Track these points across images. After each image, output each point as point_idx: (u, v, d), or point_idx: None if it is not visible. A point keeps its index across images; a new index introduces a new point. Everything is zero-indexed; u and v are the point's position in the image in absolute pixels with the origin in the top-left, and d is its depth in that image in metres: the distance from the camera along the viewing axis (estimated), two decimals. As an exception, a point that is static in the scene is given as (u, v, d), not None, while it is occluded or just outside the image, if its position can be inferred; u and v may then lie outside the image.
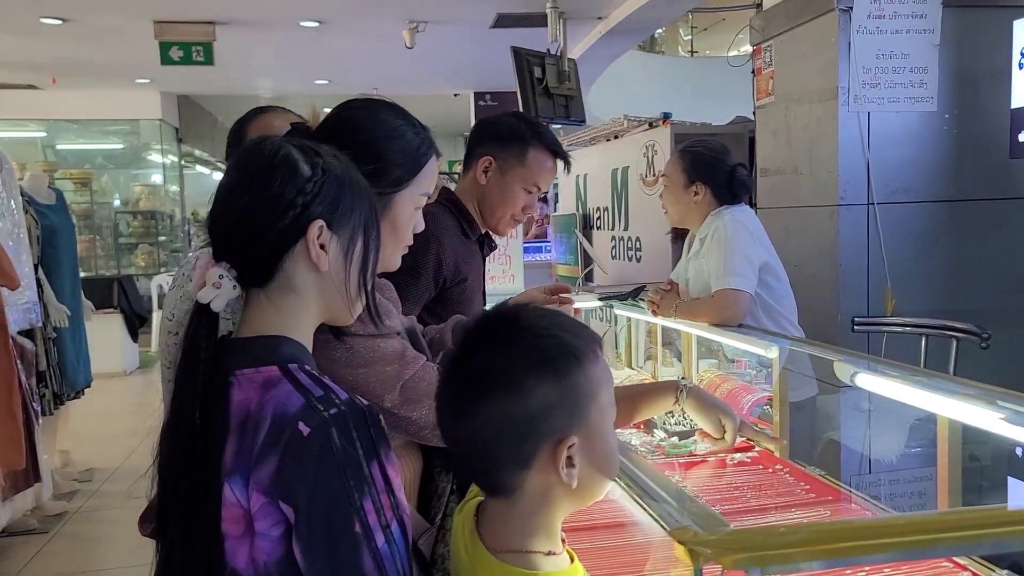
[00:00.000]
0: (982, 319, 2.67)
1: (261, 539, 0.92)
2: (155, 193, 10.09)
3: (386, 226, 1.29)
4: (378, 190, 1.27)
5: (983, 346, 2.58)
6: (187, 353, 0.99)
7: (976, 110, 3.22)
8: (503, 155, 2.09)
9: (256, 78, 8.98)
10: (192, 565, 0.95)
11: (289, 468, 0.90)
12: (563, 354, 0.93)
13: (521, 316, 0.97)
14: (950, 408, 1.59)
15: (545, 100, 5.77)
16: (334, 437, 0.90)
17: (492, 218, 2.14)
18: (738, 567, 0.91)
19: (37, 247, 4.23)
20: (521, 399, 0.90)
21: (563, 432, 0.91)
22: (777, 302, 2.54)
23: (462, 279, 2.03)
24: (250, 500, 0.92)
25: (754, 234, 2.52)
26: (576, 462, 0.92)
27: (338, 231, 1.03)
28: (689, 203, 2.58)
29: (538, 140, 2.09)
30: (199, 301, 0.99)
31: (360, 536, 0.90)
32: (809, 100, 3.26)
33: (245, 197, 1.00)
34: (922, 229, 3.20)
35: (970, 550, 1.39)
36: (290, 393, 0.94)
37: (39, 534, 3.92)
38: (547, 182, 2.15)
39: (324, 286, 1.04)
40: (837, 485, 1.96)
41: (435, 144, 1.36)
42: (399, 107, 1.35)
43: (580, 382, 0.92)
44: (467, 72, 8.73)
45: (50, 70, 8.00)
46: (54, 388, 4.27)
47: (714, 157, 2.57)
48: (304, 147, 1.04)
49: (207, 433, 0.95)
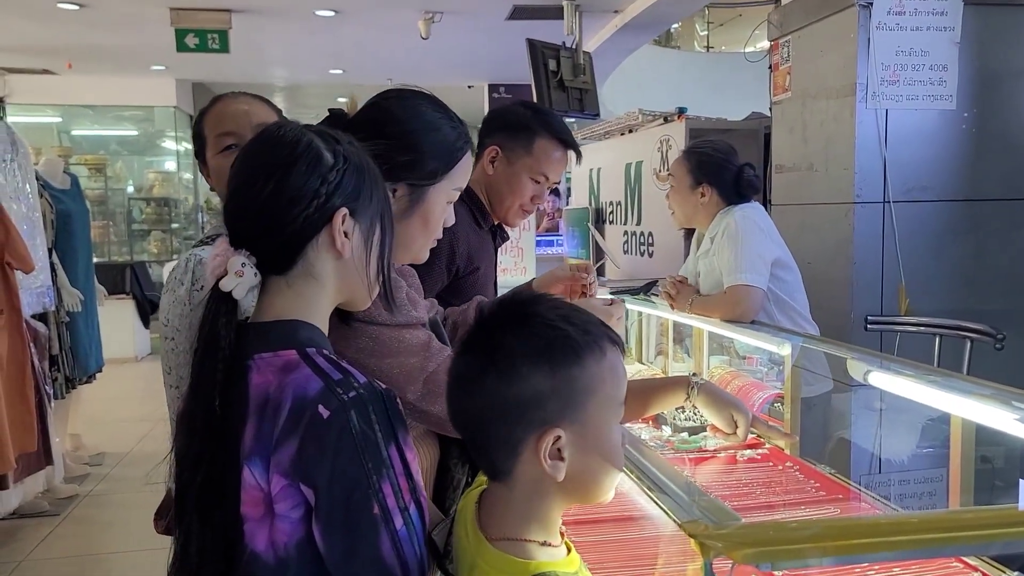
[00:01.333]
0: (997, 320, 2.65)
1: (281, 521, 0.93)
2: (169, 180, 10.13)
3: (417, 219, 1.29)
4: (411, 182, 1.27)
5: (998, 347, 2.56)
6: (208, 341, 0.99)
7: (996, 109, 3.19)
8: (510, 144, 2.07)
9: (271, 66, 8.99)
10: (210, 549, 0.96)
11: (309, 450, 0.91)
12: (562, 347, 0.93)
13: (534, 304, 0.97)
14: (964, 408, 1.57)
15: (559, 93, 5.75)
16: (353, 420, 0.91)
17: (501, 208, 2.13)
18: (748, 562, 0.91)
19: (51, 231, 4.26)
20: (513, 385, 0.91)
21: (552, 424, 0.91)
22: (790, 297, 2.53)
23: (475, 268, 2.02)
24: (270, 482, 0.93)
25: (765, 230, 2.51)
26: (566, 456, 0.92)
27: (359, 218, 1.04)
28: (696, 204, 2.57)
29: (546, 129, 2.07)
30: (221, 289, 0.99)
31: (379, 518, 0.91)
32: (826, 96, 3.23)
33: (269, 185, 1.00)
34: (938, 228, 3.17)
35: (981, 550, 1.38)
36: (309, 377, 0.95)
37: (50, 516, 3.95)
38: (556, 172, 2.12)
39: (344, 272, 1.05)
40: (847, 483, 1.95)
41: (471, 139, 1.36)
42: (437, 99, 1.34)
43: (577, 377, 0.92)
44: (482, 64, 8.71)
45: (66, 55, 8.03)
46: (66, 372, 4.29)
47: (721, 158, 2.55)
48: (323, 134, 1.05)
49: (225, 418, 0.96)
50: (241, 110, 1.69)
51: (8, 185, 3.85)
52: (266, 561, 0.95)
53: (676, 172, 2.62)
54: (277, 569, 0.94)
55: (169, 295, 1.54)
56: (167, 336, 1.53)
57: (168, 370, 1.54)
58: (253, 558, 0.95)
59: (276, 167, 1.00)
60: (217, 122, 1.67)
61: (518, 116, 2.10)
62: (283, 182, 1.00)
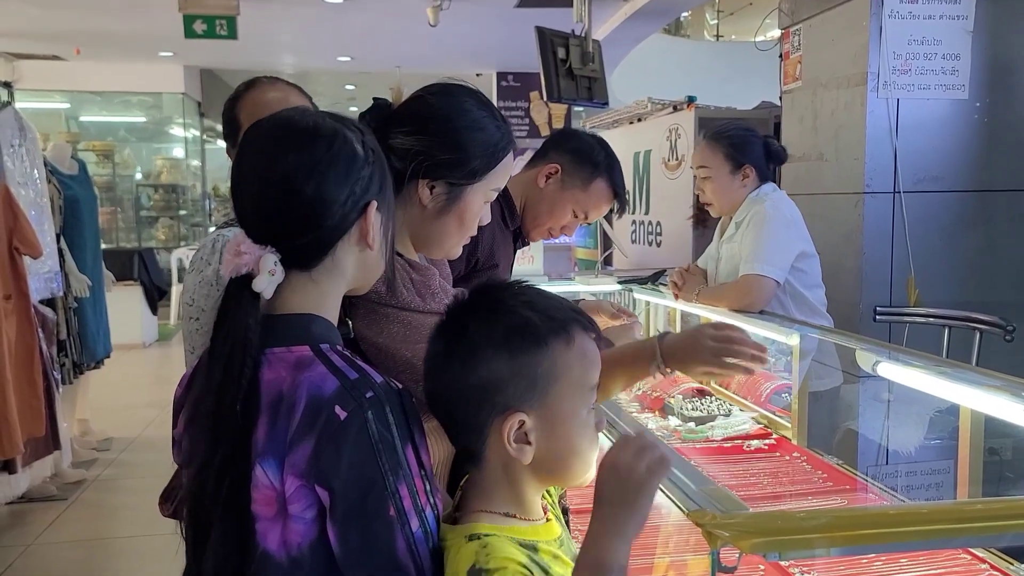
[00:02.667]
0: (1007, 312, 2.63)
1: (295, 521, 0.92)
2: (176, 167, 10.14)
3: (454, 217, 1.28)
4: (451, 180, 1.26)
5: (1007, 339, 2.54)
6: (236, 340, 0.95)
7: (1009, 99, 3.16)
8: (572, 171, 2.07)
9: (279, 53, 8.97)
10: (226, 547, 0.94)
11: (326, 452, 0.89)
12: (524, 333, 0.94)
13: (502, 291, 1.00)
14: (974, 399, 1.56)
15: (568, 81, 5.71)
16: (370, 421, 0.90)
17: (532, 223, 2.13)
18: (756, 551, 0.90)
19: (59, 217, 4.26)
20: (475, 369, 0.94)
21: (514, 408, 0.93)
22: (808, 290, 2.50)
23: (494, 264, 2.02)
24: (284, 483, 0.91)
25: (793, 222, 2.48)
26: (532, 440, 0.94)
27: (381, 209, 1.04)
28: (739, 188, 2.50)
29: (609, 174, 2.09)
30: (254, 289, 0.96)
31: (395, 520, 0.90)
32: (837, 85, 3.21)
33: (309, 186, 0.96)
34: (949, 219, 3.15)
35: (991, 542, 1.37)
36: (324, 375, 0.93)
37: (58, 500, 3.98)
38: (596, 216, 2.15)
39: (365, 263, 1.05)
40: (854, 474, 1.95)
41: (514, 139, 1.33)
42: (483, 96, 1.32)
43: (538, 362, 0.94)
44: (490, 52, 8.67)
45: (74, 41, 8.02)
46: (74, 358, 4.31)
47: (750, 135, 2.53)
48: (350, 126, 1.03)
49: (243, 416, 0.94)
50: (278, 97, 1.68)
51: (16, 170, 3.85)
52: (279, 561, 0.93)
53: (711, 162, 2.51)
54: (290, 569, 0.93)
55: (195, 275, 1.53)
56: (192, 316, 1.52)
57: (192, 350, 1.53)
58: (265, 558, 0.94)
59: (315, 166, 0.97)
60: (254, 109, 1.64)
61: (591, 149, 2.11)
62: (324, 183, 0.97)
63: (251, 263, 0.97)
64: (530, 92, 9.50)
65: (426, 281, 1.26)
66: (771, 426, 2.28)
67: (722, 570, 0.90)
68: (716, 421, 2.31)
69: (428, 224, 1.28)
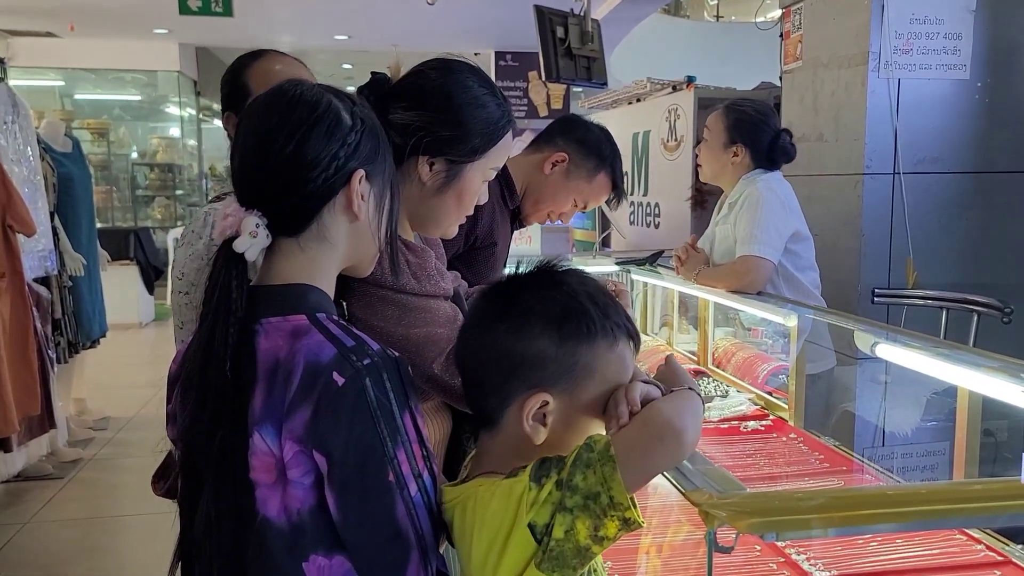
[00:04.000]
0: (1005, 294, 2.63)
1: (294, 487, 0.92)
2: (172, 146, 10.08)
3: (452, 195, 1.27)
4: (451, 158, 1.24)
5: (1005, 321, 2.54)
6: (220, 302, 0.97)
7: (1011, 80, 3.13)
8: (577, 161, 2.10)
9: (275, 32, 8.89)
10: (223, 515, 0.95)
11: (324, 418, 0.90)
12: (578, 321, 0.95)
13: (568, 272, 1.00)
14: (972, 380, 1.56)
15: (567, 61, 5.66)
16: (368, 387, 0.90)
17: (533, 207, 2.16)
18: (753, 531, 0.90)
19: (53, 195, 4.23)
20: (521, 339, 0.94)
21: (543, 388, 0.94)
22: (802, 272, 2.50)
23: (492, 243, 2.01)
24: (283, 449, 0.92)
25: (786, 203, 2.47)
26: (549, 423, 0.94)
27: (373, 181, 1.03)
28: (726, 163, 2.52)
29: (612, 167, 2.14)
30: (235, 250, 0.97)
31: (394, 485, 0.91)
32: (838, 65, 3.18)
33: (289, 146, 0.98)
34: (948, 200, 3.14)
35: (987, 522, 1.37)
36: (321, 343, 0.93)
37: (54, 479, 3.98)
38: (594, 205, 2.20)
39: (356, 235, 1.04)
40: (851, 455, 1.95)
41: (513, 117, 1.32)
42: (483, 73, 1.31)
43: (582, 352, 0.94)
44: (488, 31, 8.61)
45: (68, 17, 7.95)
46: (69, 336, 4.29)
47: (759, 119, 2.50)
48: (340, 95, 1.04)
49: (235, 382, 0.94)
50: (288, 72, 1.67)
51: (9, 148, 3.82)
52: (279, 527, 0.94)
53: (712, 126, 2.54)
54: (291, 535, 0.93)
55: (185, 248, 1.52)
56: (181, 290, 1.51)
57: (181, 324, 1.52)
58: (266, 524, 0.94)
59: (297, 127, 0.98)
60: (267, 77, 1.62)
61: (599, 142, 2.15)
62: (304, 143, 0.98)
63: (235, 225, 0.98)
64: (528, 72, 9.44)
65: (422, 263, 1.25)
66: (768, 407, 2.28)
67: (719, 550, 0.90)
68: (713, 402, 2.31)
69: (426, 201, 1.27)
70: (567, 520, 0.84)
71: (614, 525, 0.85)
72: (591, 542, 0.85)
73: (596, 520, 0.84)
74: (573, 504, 0.84)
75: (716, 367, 2.70)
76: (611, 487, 0.84)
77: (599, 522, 0.84)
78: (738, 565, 1.41)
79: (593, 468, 0.85)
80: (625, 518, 0.84)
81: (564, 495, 0.85)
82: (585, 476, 0.85)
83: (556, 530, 0.84)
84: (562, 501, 0.84)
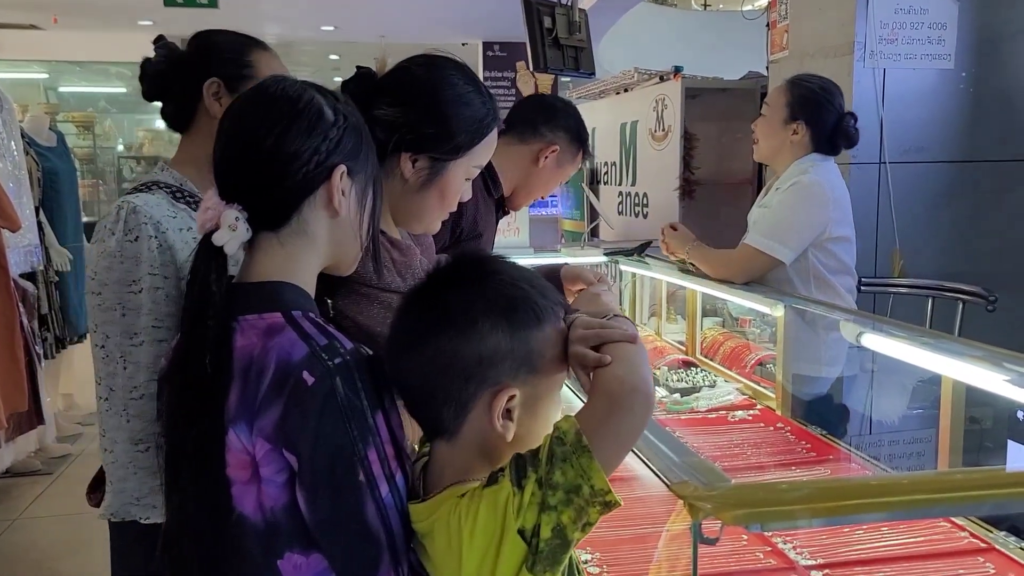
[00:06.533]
0: (991, 282, 2.65)
1: (267, 485, 0.93)
2: (159, 138, 10.00)
3: (435, 192, 1.26)
4: (434, 155, 1.24)
5: (989, 309, 2.56)
6: (199, 296, 0.96)
7: (995, 69, 3.15)
8: (566, 148, 2.16)
9: (262, 23, 8.83)
10: (202, 511, 0.96)
11: (293, 417, 0.90)
12: (524, 307, 0.93)
13: (492, 261, 0.98)
14: (955, 369, 1.57)
15: (555, 51, 5.64)
16: (338, 387, 0.90)
17: (527, 198, 2.20)
18: (738, 523, 0.90)
19: (38, 190, 4.20)
20: (471, 340, 0.91)
21: (506, 382, 0.91)
22: (834, 276, 2.33)
23: (477, 234, 2.02)
24: (255, 446, 0.92)
25: (835, 200, 2.30)
26: (516, 417, 0.92)
27: (355, 177, 1.03)
28: (784, 140, 2.33)
29: (584, 144, 2.20)
30: (214, 243, 0.96)
31: (364, 485, 0.90)
32: (824, 55, 3.19)
33: (269, 139, 0.97)
34: (934, 190, 3.15)
35: (969, 511, 1.39)
36: (294, 341, 0.93)
37: (43, 475, 3.97)
38: None
39: (337, 232, 1.04)
40: (838, 444, 1.96)
41: (499, 115, 1.32)
42: (469, 69, 1.30)
43: (536, 339, 0.93)
44: (476, 21, 8.57)
45: (52, 10, 7.87)
46: (56, 332, 4.27)
47: (826, 98, 2.32)
48: (323, 91, 1.03)
49: (213, 379, 0.94)
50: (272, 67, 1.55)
51: (-7, 142, 3.79)
52: (255, 523, 0.94)
53: (772, 101, 2.37)
54: (267, 532, 0.94)
55: (97, 246, 1.36)
56: (93, 291, 1.35)
57: (95, 328, 1.35)
58: (241, 520, 0.94)
59: (278, 121, 0.98)
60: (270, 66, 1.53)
61: (577, 124, 2.19)
62: (284, 137, 0.97)
63: (215, 218, 0.97)
64: (516, 62, 9.41)
65: (407, 261, 1.25)
66: (756, 397, 2.29)
67: (704, 541, 0.91)
68: (701, 392, 2.32)
69: (409, 198, 1.26)
70: (553, 518, 0.84)
71: (596, 511, 0.85)
72: (578, 533, 0.85)
73: (579, 511, 0.84)
74: (556, 501, 0.84)
75: (704, 357, 2.71)
76: (591, 476, 0.84)
77: (582, 512, 0.84)
78: (725, 554, 1.42)
79: (570, 461, 0.84)
80: (606, 502, 0.84)
81: (546, 493, 0.84)
82: (563, 471, 0.84)
83: (543, 530, 0.84)
84: (545, 500, 0.84)
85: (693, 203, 4.11)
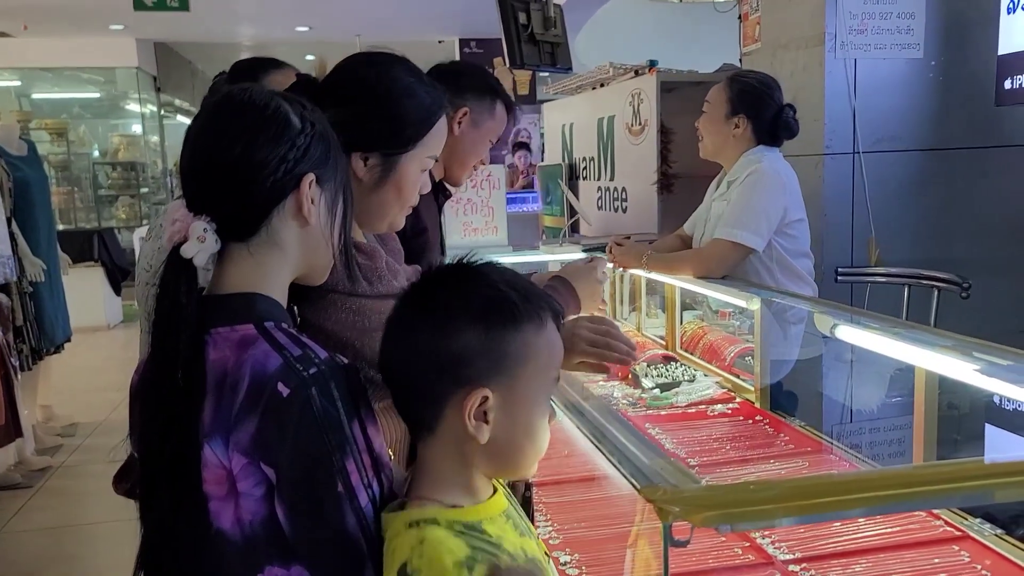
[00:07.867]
0: (966, 268, 2.67)
1: (245, 499, 0.91)
2: (135, 143, 9.90)
3: (391, 187, 1.26)
4: (385, 151, 1.23)
5: (963, 296, 2.58)
6: (168, 310, 0.95)
7: (963, 57, 3.17)
8: (478, 107, 2.06)
9: (235, 24, 8.77)
10: (179, 527, 0.94)
11: (269, 430, 0.89)
12: (501, 309, 0.93)
13: (482, 267, 0.98)
14: (927, 360, 1.58)
15: (531, 47, 5.64)
16: (314, 397, 0.89)
17: (461, 170, 2.12)
18: (707, 524, 0.90)
19: (10, 200, 4.14)
20: (447, 336, 0.92)
21: (479, 383, 0.91)
22: (796, 259, 2.41)
23: (422, 229, 2.00)
24: (231, 461, 0.91)
25: (787, 185, 2.37)
26: (491, 419, 0.92)
27: (324, 185, 1.02)
28: (727, 136, 2.40)
29: (501, 93, 2.10)
30: (183, 256, 0.95)
31: (343, 496, 0.90)
32: (795, 46, 3.20)
33: (235, 148, 0.96)
34: (907, 178, 3.18)
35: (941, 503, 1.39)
36: (268, 352, 0.92)
37: (23, 488, 3.92)
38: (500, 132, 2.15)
39: (307, 241, 1.02)
40: (817, 436, 1.97)
41: (446, 103, 1.31)
42: (410, 62, 1.29)
43: (511, 341, 0.92)
44: (452, 18, 8.56)
45: (21, 16, 7.78)
46: (32, 343, 4.22)
47: (764, 92, 2.40)
48: (289, 99, 1.02)
49: (186, 393, 0.93)
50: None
51: (-38, 153, 3.73)
52: (233, 539, 0.93)
53: (713, 99, 2.44)
54: (245, 547, 0.93)
55: (153, 243, 1.55)
56: (149, 282, 1.52)
57: (148, 315, 1.53)
58: (219, 536, 0.93)
59: (244, 130, 0.97)
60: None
61: (484, 78, 2.10)
62: (251, 146, 0.96)
63: (183, 230, 0.96)
64: (494, 58, 9.37)
65: (373, 264, 1.24)
66: (735, 390, 2.30)
67: (674, 544, 0.90)
68: (680, 387, 2.33)
69: (367, 198, 1.26)
70: None
71: None
72: None
73: None
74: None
75: (685, 351, 2.71)
76: None
77: None
78: (704, 551, 1.42)
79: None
80: None
81: None
82: None
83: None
84: None
85: (671, 197, 4.11)
